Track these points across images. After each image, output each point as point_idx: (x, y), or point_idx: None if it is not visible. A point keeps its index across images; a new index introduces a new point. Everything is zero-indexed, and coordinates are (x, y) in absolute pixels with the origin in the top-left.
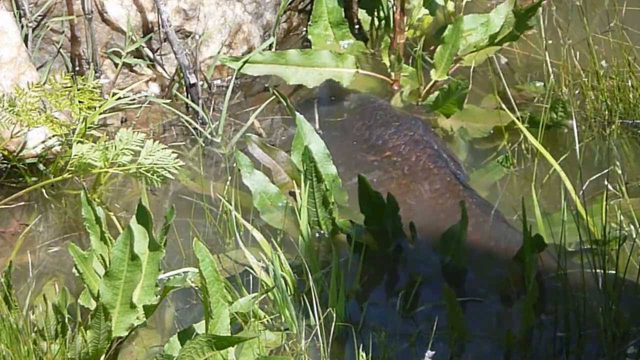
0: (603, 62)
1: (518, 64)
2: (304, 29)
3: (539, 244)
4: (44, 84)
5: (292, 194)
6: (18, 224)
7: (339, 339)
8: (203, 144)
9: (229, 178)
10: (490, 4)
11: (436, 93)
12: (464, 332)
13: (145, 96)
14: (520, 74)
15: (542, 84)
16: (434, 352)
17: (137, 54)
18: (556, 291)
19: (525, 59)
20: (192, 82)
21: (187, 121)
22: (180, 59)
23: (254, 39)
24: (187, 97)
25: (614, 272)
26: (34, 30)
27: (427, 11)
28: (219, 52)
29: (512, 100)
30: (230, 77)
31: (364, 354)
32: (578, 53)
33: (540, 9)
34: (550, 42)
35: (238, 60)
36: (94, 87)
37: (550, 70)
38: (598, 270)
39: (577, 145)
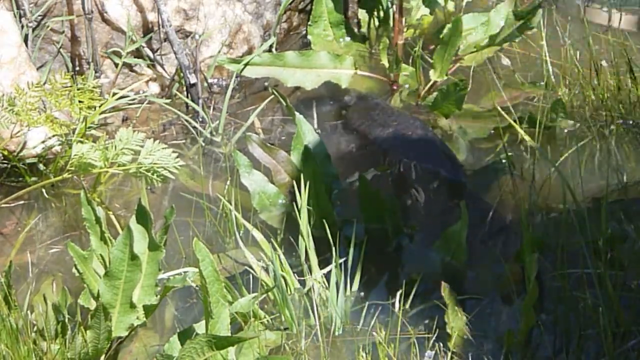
0: (603, 62)
1: (518, 64)
2: (304, 29)
3: (539, 244)
4: (44, 84)
5: (292, 193)
6: (11, 223)
7: (339, 339)
8: (203, 143)
9: (229, 177)
10: (491, 3)
11: (435, 94)
12: (464, 332)
13: (145, 96)
14: (520, 74)
15: (542, 83)
16: (434, 352)
17: (137, 53)
18: (556, 291)
19: (525, 59)
20: (192, 82)
21: (187, 120)
22: (180, 59)
23: (254, 39)
24: (187, 97)
25: (613, 272)
26: (34, 30)
27: (426, 11)
28: (219, 52)
29: (512, 101)
30: (230, 76)
31: (364, 354)
32: (578, 53)
33: (540, 9)
34: (548, 42)
35: (237, 62)
36: (94, 87)
37: (551, 70)
38: (598, 270)
39: (577, 145)
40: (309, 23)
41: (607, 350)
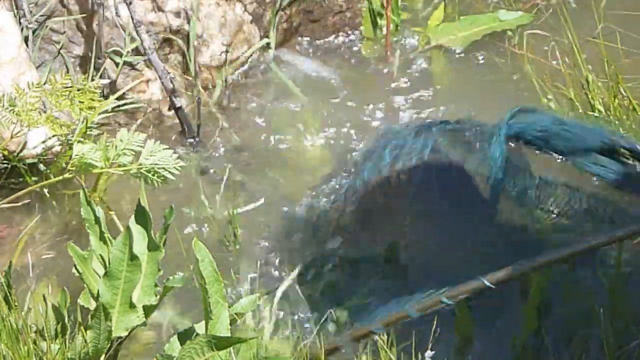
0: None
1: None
2: (304, 29)
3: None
4: (44, 84)
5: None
6: (11, 223)
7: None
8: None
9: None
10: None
11: None
12: (464, 332)
13: (145, 96)
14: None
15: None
16: (434, 352)
17: (138, 53)
18: (557, 291)
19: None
20: (177, 105)
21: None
22: (164, 82)
23: (254, 39)
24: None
25: (613, 272)
26: (34, 30)
27: None
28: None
29: None
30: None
31: (364, 354)
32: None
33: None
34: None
35: None
36: (95, 87)
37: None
38: (598, 271)
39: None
40: None
41: (607, 350)
